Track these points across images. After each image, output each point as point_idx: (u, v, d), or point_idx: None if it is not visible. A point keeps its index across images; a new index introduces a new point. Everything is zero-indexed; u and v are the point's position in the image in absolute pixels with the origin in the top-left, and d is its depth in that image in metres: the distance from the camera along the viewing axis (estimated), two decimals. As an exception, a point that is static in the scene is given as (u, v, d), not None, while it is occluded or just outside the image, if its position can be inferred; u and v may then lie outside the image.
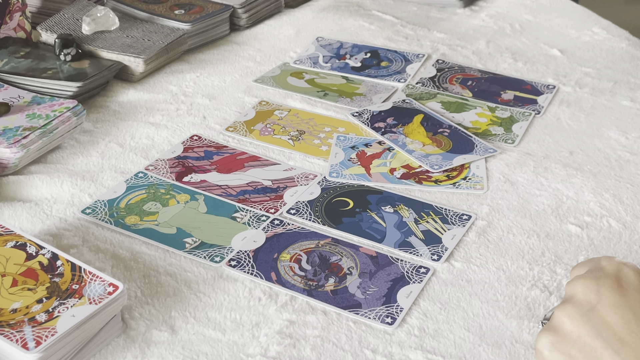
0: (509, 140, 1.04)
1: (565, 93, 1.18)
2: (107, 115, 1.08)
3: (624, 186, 0.95)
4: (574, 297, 0.66)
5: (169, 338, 0.72)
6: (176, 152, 1.00)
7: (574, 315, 0.64)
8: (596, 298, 0.65)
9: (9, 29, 1.20)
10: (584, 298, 0.65)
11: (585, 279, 0.67)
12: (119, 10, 1.30)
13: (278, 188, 0.93)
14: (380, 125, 1.06)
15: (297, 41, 1.33)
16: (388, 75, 1.21)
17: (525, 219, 0.89)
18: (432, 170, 0.97)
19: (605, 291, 0.65)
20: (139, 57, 1.15)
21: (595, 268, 0.68)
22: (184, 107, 1.11)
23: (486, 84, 1.19)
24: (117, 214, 0.88)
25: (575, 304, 0.65)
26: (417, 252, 0.83)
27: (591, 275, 0.67)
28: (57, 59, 1.14)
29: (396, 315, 0.75)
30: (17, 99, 1.02)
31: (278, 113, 1.09)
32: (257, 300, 0.77)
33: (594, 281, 0.66)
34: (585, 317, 0.64)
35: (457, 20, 1.44)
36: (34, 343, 0.65)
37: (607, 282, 0.65)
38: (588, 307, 0.64)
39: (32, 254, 0.75)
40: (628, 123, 1.10)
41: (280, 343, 0.72)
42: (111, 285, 0.71)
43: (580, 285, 0.66)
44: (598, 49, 1.33)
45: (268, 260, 0.82)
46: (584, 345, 0.63)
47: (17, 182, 0.93)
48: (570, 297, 0.66)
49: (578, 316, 0.64)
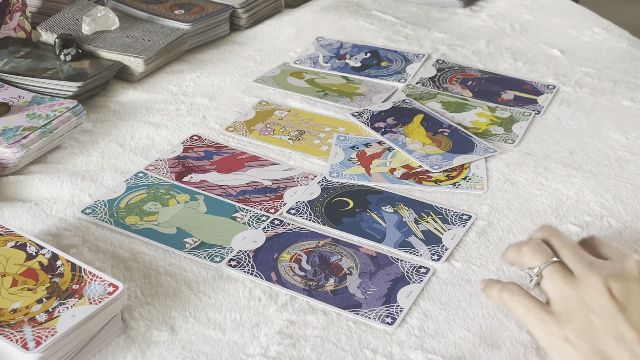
0: (509, 140, 1.04)
1: (565, 93, 1.18)
2: (107, 115, 1.08)
3: (624, 186, 0.95)
4: (599, 291, 0.65)
5: (169, 338, 0.72)
6: (176, 152, 1.00)
7: (600, 312, 0.63)
8: (625, 301, 0.63)
9: (9, 29, 1.20)
10: (613, 296, 0.64)
11: (616, 278, 0.65)
12: (119, 10, 1.30)
13: (278, 188, 0.93)
14: (380, 125, 1.06)
15: (297, 41, 1.33)
16: (388, 75, 1.21)
17: (525, 219, 0.89)
18: (432, 170, 0.97)
19: (633, 296, 0.64)
20: (139, 57, 1.15)
21: (620, 268, 0.67)
22: (184, 107, 1.11)
23: (486, 84, 1.19)
24: (117, 214, 0.88)
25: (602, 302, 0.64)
26: (417, 252, 0.83)
27: (618, 275, 0.66)
28: (57, 59, 1.14)
29: (396, 315, 0.75)
30: (17, 99, 1.02)
31: (278, 113, 1.09)
32: (257, 300, 0.77)
33: (624, 284, 0.65)
34: (613, 318, 0.63)
35: (457, 20, 1.44)
36: (34, 343, 0.65)
37: (636, 287, 0.64)
38: (617, 308, 0.63)
39: (32, 254, 0.75)
40: (628, 123, 1.10)
41: (280, 343, 0.72)
42: (111, 285, 0.71)
43: (611, 281, 0.65)
44: (598, 49, 1.33)
45: (268, 260, 0.82)
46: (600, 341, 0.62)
47: (17, 182, 0.93)
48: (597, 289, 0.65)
49: (606, 316, 0.63)
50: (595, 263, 0.68)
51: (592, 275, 0.66)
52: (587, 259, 0.68)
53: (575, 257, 0.68)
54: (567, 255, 0.69)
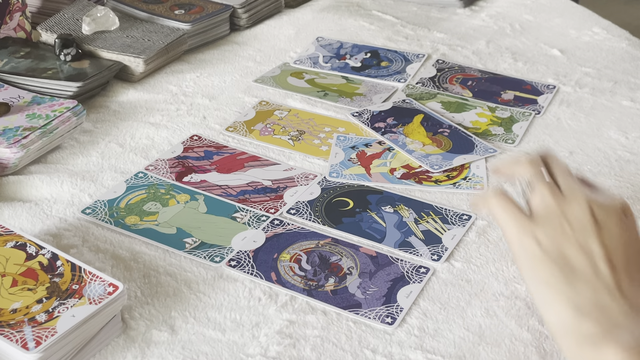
0: (509, 140, 1.04)
1: (565, 93, 1.18)
2: (107, 115, 1.08)
3: (624, 186, 0.95)
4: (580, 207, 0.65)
5: (169, 338, 0.72)
6: (176, 152, 1.00)
7: (576, 224, 0.63)
8: (602, 224, 0.64)
9: (9, 29, 1.20)
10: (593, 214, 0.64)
11: (601, 206, 0.65)
12: (119, 10, 1.31)
13: (278, 188, 0.93)
14: (380, 125, 1.06)
15: (297, 41, 1.33)
16: (388, 75, 1.21)
17: (525, 219, 0.89)
18: (432, 170, 0.97)
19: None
20: (139, 57, 1.15)
21: (608, 199, 0.67)
22: (184, 107, 1.11)
23: (486, 84, 1.19)
24: (117, 214, 0.88)
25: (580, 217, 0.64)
26: (417, 252, 0.83)
27: (604, 204, 0.66)
28: (57, 59, 1.14)
29: (396, 315, 0.75)
30: (17, 99, 1.02)
31: (278, 113, 1.10)
32: (257, 300, 0.77)
33: (606, 212, 0.65)
34: (586, 231, 0.63)
35: (457, 20, 1.44)
36: (33, 343, 0.65)
37: (616, 219, 0.64)
38: (593, 226, 0.63)
39: (32, 254, 0.75)
40: (628, 123, 1.10)
41: (280, 343, 0.72)
42: (111, 286, 0.71)
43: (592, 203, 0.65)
44: (598, 49, 1.33)
45: (268, 260, 0.82)
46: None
47: (17, 182, 0.93)
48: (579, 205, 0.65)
49: (580, 228, 0.63)
50: (586, 190, 0.68)
51: (579, 196, 0.66)
52: (579, 185, 0.69)
53: (569, 179, 0.69)
54: (562, 176, 0.69)
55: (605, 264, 0.61)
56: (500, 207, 0.69)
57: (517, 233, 0.66)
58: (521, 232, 0.66)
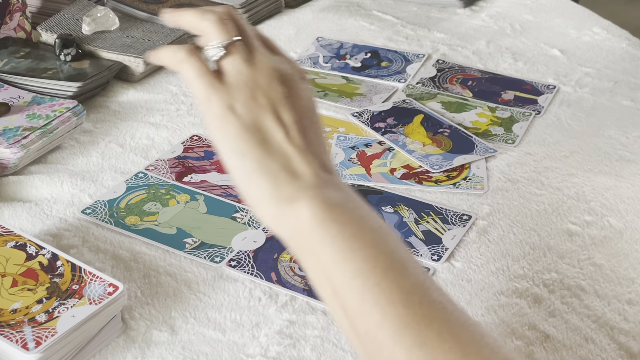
0: (509, 140, 1.04)
1: (565, 93, 1.18)
2: (107, 116, 1.08)
3: (624, 186, 0.95)
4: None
5: (169, 338, 0.72)
6: (176, 152, 1.00)
7: (267, 92, 0.65)
8: (289, 90, 0.65)
9: (9, 29, 1.20)
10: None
11: (284, 69, 0.66)
12: (119, 10, 1.30)
13: (278, 188, 0.93)
14: (380, 125, 1.06)
15: (297, 41, 1.33)
16: (388, 75, 1.21)
17: (525, 219, 0.89)
18: (432, 171, 0.97)
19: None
20: (139, 57, 1.15)
21: (289, 63, 0.68)
22: (184, 107, 1.11)
23: (486, 84, 1.19)
24: (117, 214, 0.88)
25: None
26: (417, 252, 0.83)
27: (287, 67, 0.67)
28: (57, 59, 1.14)
29: (396, 315, 0.75)
30: (17, 99, 1.02)
31: (278, 113, 1.09)
32: (257, 300, 0.77)
33: (289, 76, 0.66)
34: (277, 100, 0.64)
35: (457, 20, 1.44)
36: (34, 343, 0.65)
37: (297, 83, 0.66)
38: (283, 93, 0.65)
39: (32, 254, 0.75)
40: (628, 123, 1.10)
41: (280, 343, 0.72)
42: (111, 286, 0.71)
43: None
44: (598, 49, 1.33)
45: (268, 260, 0.82)
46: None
47: (17, 182, 0.93)
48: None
49: (271, 96, 0.65)
50: (274, 57, 0.69)
51: (269, 65, 0.66)
52: (268, 51, 0.69)
53: (259, 45, 0.69)
54: (251, 39, 0.69)
55: (297, 132, 0.63)
56: (192, 68, 0.67)
57: (214, 106, 0.66)
58: (218, 104, 0.66)
